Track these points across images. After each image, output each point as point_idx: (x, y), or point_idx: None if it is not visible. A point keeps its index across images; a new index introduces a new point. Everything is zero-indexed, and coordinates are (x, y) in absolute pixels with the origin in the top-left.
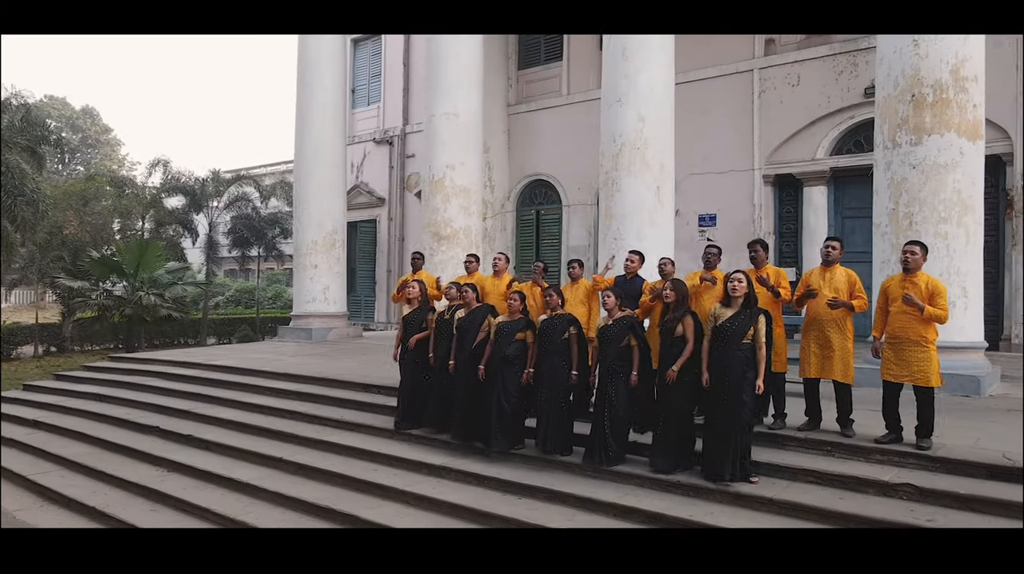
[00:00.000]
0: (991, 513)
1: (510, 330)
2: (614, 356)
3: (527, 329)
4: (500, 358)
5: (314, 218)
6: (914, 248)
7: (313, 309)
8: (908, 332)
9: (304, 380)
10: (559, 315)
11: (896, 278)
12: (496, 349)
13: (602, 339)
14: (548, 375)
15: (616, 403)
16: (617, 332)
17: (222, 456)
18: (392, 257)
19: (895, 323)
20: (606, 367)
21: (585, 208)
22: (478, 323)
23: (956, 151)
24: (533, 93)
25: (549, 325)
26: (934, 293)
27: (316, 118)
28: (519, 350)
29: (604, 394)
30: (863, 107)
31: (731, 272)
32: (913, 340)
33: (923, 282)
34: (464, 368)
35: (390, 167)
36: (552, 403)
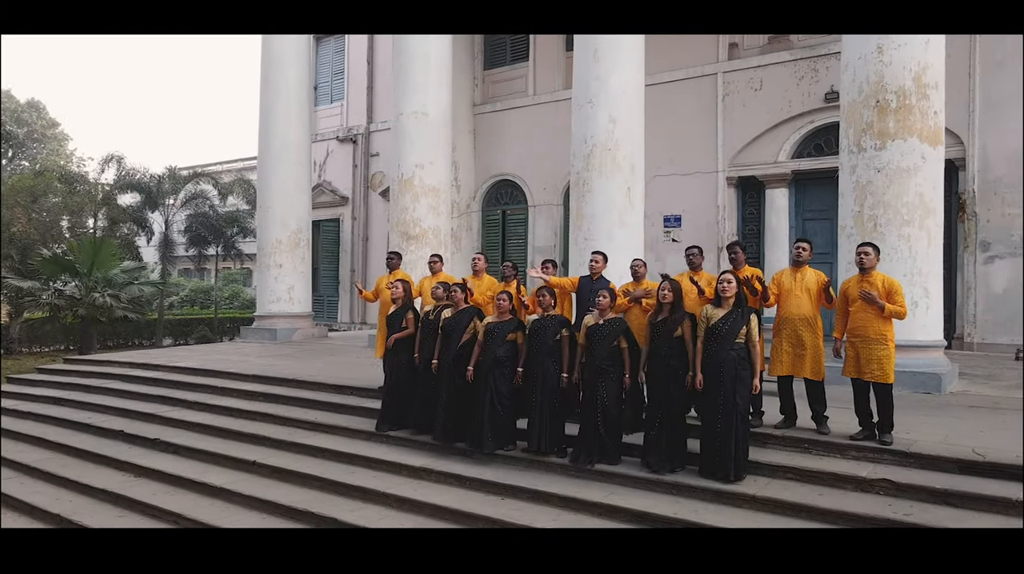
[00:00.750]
0: (966, 507)
1: (501, 331)
2: (604, 356)
3: (518, 330)
4: (491, 360)
5: (278, 217)
6: (867, 249)
7: (277, 309)
8: (868, 330)
9: (273, 382)
10: (551, 316)
11: (853, 279)
12: (487, 351)
13: (593, 339)
14: (540, 376)
15: (608, 404)
16: (609, 333)
17: (192, 460)
18: (356, 257)
19: (855, 322)
20: (595, 367)
21: (551, 208)
22: (464, 324)
23: (918, 156)
24: (499, 93)
25: (541, 326)
26: (891, 290)
27: (280, 116)
28: (510, 351)
29: (594, 394)
30: (823, 112)
31: (720, 273)
32: (873, 338)
33: (879, 280)
34: (448, 369)
35: (354, 166)
36: (545, 404)
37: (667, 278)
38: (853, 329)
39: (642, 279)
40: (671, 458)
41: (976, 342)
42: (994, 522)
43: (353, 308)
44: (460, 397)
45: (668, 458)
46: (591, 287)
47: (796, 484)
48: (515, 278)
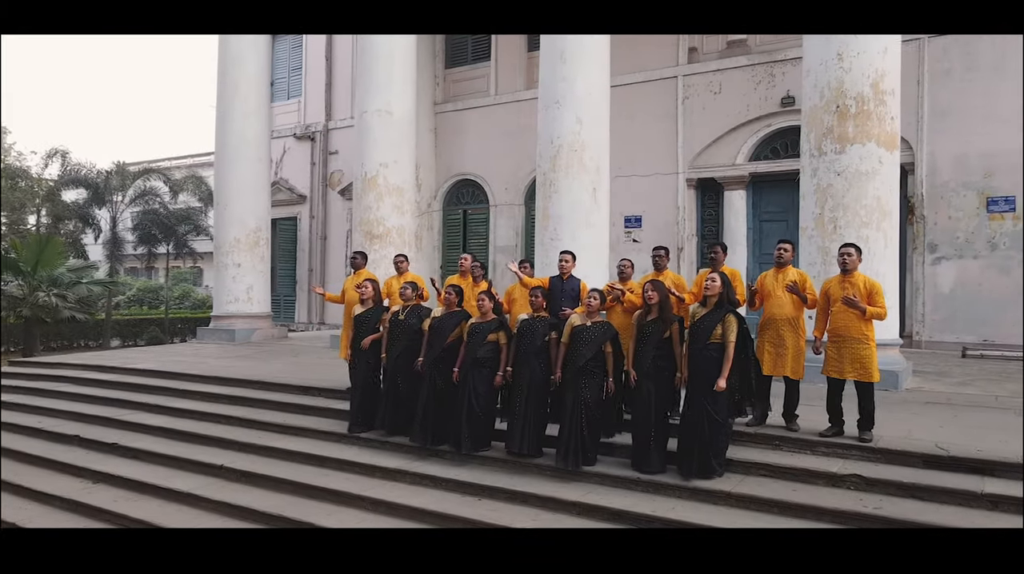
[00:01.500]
0: (932, 500)
1: (482, 331)
2: (588, 358)
3: (499, 330)
4: (471, 360)
5: (236, 215)
6: (850, 250)
7: (236, 309)
8: (850, 330)
9: (236, 383)
10: (540, 317)
11: (835, 279)
12: (468, 351)
13: (578, 340)
14: (527, 377)
15: (591, 404)
16: (597, 336)
17: (155, 465)
18: (314, 256)
19: (837, 322)
20: (578, 368)
21: (512, 208)
22: (452, 326)
23: (876, 160)
24: (460, 92)
25: (530, 327)
26: (872, 292)
27: (238, 112)
28: (491, 352)
29: (577, 395)
30: (780, 116)
31: (710, 272)
32: (855, 338)
33: (861, 282)
34: (430, 370)
35: (312, 163)
36: (530, 406)
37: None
38: (835, 329)
39: (628, 279)
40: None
41: (924, 340)
42: (959, 514)
43: (311, 308)
44: (440, 399)
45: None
46: (562, 287)
47: (770, 480)
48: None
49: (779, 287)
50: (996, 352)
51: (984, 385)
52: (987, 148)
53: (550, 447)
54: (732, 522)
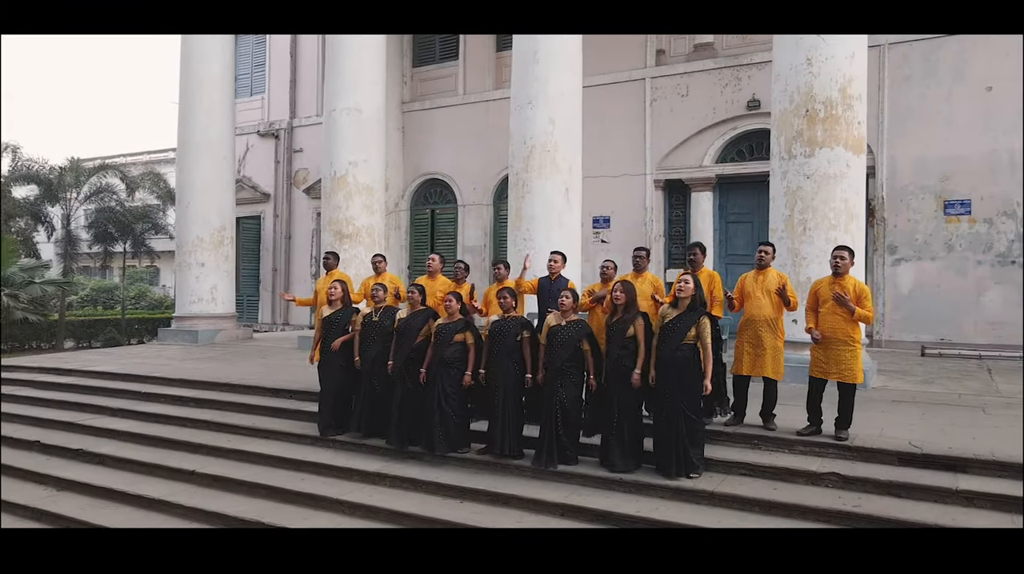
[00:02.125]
0: (908, 497)
1: (449, 332)
2: (565, 357)
3: (466, 330)
4: (438, 361)
5: (200, 213)
6: (843, 253)
7: (199, 310)
8: (837, 332)
9: (204, 386)
10: (512, 317)
11: (825, 280)
12: (435, 352)
13: (555, 341)
14: (502, 378)
15: (568, 405)
16: (572, 335)
17: (122, 471)
18: (278, 255)
19: (825, 324)
20: (555, 368)
21: (481, 208)
22: (418, 326)
23: (843, 163)
24: (428, 91)
25: (502, 327)
26: (861, 295)
27: (202, 109)
28: (458, 352)
29: (554, 395)
30: (746, 119)
31: (681, 273)
32: (841, 340)
33: (851, 285)
34: (401, 371)
35: (276, 161)
36: (506, 406)
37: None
38: (822, 331)
39: (611, 280)
40: (634, 457)
41: (884, 340)
42: (936, 511)
43: (275, 308)
44: (411, 400)
45: (632, 458)
46: (550, 287)
47: (750, 479)
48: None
49: (759, 288)
50: (954, 351)
51: (946, 383)
52: (945, 153)
53: (531, 448)
54: (717, 521)
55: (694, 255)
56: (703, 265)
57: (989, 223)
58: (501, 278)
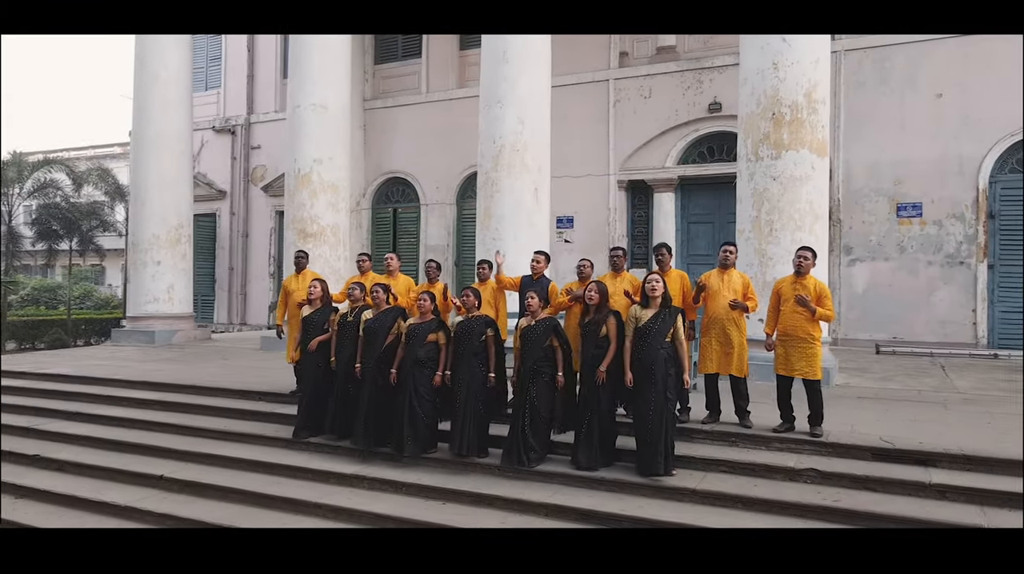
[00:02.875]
0: (884, 491)
1: (422, 332)
2: (537, 357)
3: (439, 330)
4: (411, 361)
5: (156, 211)
6: (806, 254)
7: (155, 310)
8: (798, 331)
9: (168, 388)
10: (476, 317)
11: (787, 280)
12: (408, 351)
13: (525, 340)
14: (466, 377)
15: (537, 403)
16: (541, 333)
17: (85, 477)
18: (235, 254)
19: (787, 322)
20: (528, 368)
21: (444, 207)
22: (388, 325)
23: (808, 166)
24: (390, 89)
25: (466, 327)
26: (822, 295)
27: (157, 102)
28: (431, 352)
29: (525, 394)
30: (707, 121)
31: (647, 274)
32: (802, 338)
33: (812, 284)
34: (371, 372)
35: (232, 158)
36: (469, 406)
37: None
38: (784, 329)
39: (588, 279)
40: (603, 455)
41: (840, 338)
42: (912, 504)
43: (232, 308)
44: (381, 401)
45: (600, 455)
46: (532, 287)
47: (730, 476)
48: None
49: (724, 287)
50: (907, 349)
51: (904, 380)
52: (897, 157)
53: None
54: (701, 519)
55: (661, 256)
56: (670, 265)
57: (939, 225)
58: (484, 277)
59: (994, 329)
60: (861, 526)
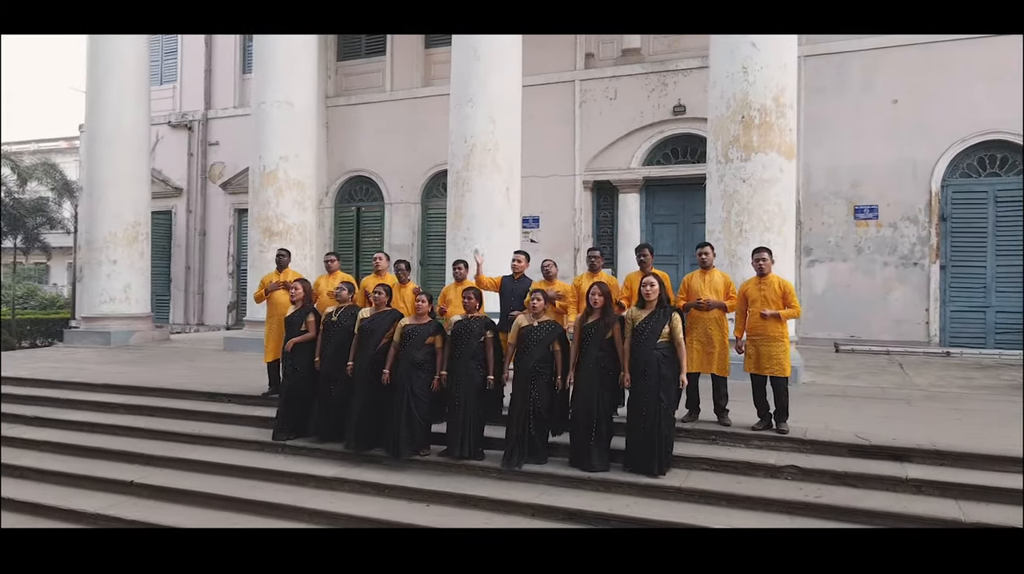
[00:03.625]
0: (865, 487)
1: (420, 334)
2: (538, 358)
3: (437, 333)
4: (408, 363)
5: (112, 208)
6: (764, 255)
7: (111, 310)
8: (767, 330)
9: (133, 391)
10: (475, 318)
11: (752, 281)
12: (404, 353)
13: (527, 341)
14: (464, 379)
15: (540, 405)
16: (544, 335)
17: (49, 484)
18: (192, 253)
19: (755, 323)
20: (529, 369)
21: (409, 207)
22: (385, 327)
23: (777, 168)
24: (354, 86)
25: (465, 327)
26: (785, 292)
27: (113, 96)
28: (429, 354)
29: (526, 396)
30: (672, 123)
31: (644, 277)
32: (771, 336)
33: (775, 283)
34: (365, 373)
35: (189, 154)
36: (468, 408)
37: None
38: (753, 329)
39: (553, 279)
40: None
41: (800, 337)
42: (891, 499)
43: (188, 308)
44: (375, 403)
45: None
46: (514, 287)
47: (713, 474)
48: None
49: (706, 288)
50: (865, 347)
51: (867, 378)
52: (855, 161)
53: (489, 449)
54: (691, 517)
55: (644, 256)
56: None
57: (894, 227)
58: (461, 277)
59: (945, 328)
60: (844, 520)
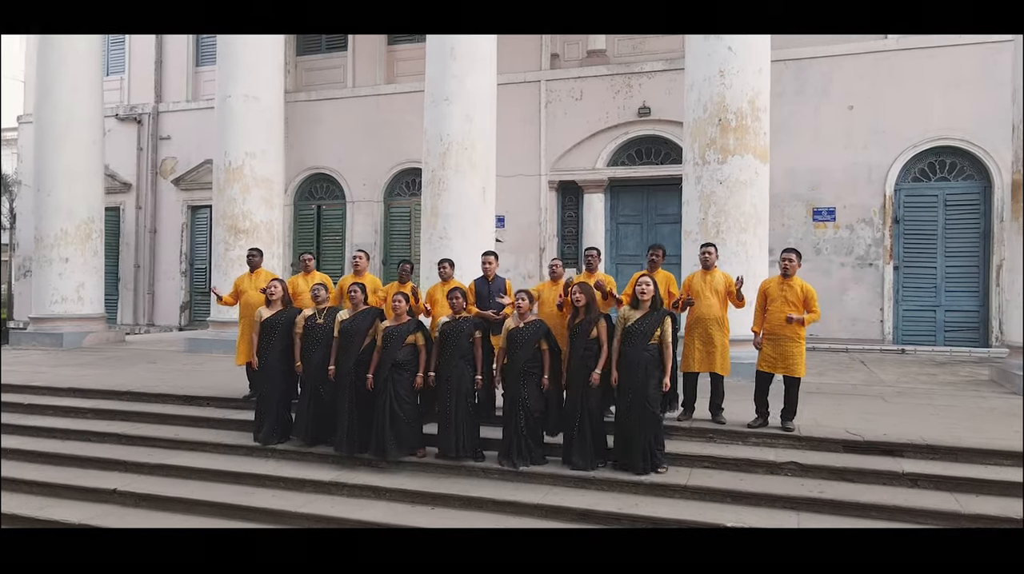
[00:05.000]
0: (863, 481)
1: (399, 334)
2: (526, 358)
3: (417, 332)
4: (390, 364)
5: (64, 204)
6: (791, 255)
7: (63, 310)
8: (784, 329)
9: (102, 395)
10: (464, 318)
11: (774, 281)
12: (386, 355)
13: (514, 342)
14: (455, 379)
15: (530, 404)
16: (530, 335)
17: (24, 494)
18: (141, 251)
19: (773, 322)
20: (518, 369)
21: (371, 205)
22: (366, 327)
23: (753, 171)
24: (314, 82)
25: (454, 328)
26: (808, 296)
27: (66, 85)
28: (410, 354)
29: (516, 396)
30: (636, 125)
31: (640, 277)
32: (788, 336)
33: (798, 286)
34: (350, 375)
35: (139, 148)
36: (460, 407)
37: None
38: (771, 328)
39: (560, 278)
40: (596, 455)
41: None
42: (890, 493)
43: (138, 308)
44: (362, 405)
45: (594, 455)
46: (488, 288)
47: (715, 471)
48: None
49: (707, 288)
50: (824, 345)
51: (836, 374)
52: (813, 164)
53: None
54: (700, 514)
55: (656, 256)
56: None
57: (850, 229)
58: (446, 277)
59: (898, 326)
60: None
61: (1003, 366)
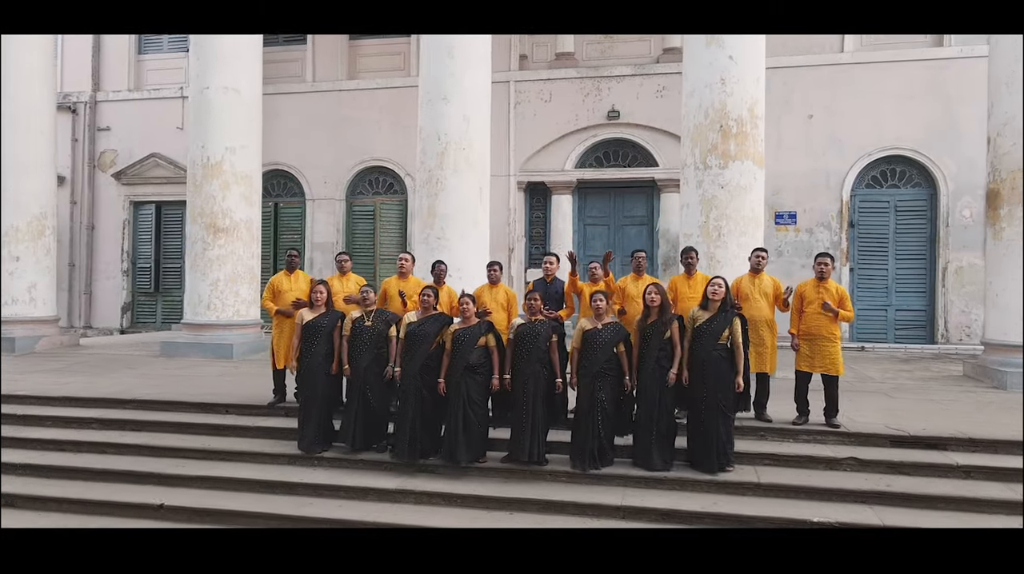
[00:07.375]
0: (921, 474)
1: (471, 337)
2: (604, 359)
3: (488, 333)
4: (463, 368)
5: (12, 198)
6: (826, 260)
7: (13, 313)
8: (821, 330)
9: (103, 404)
10: (540, 321)
11: (810, 283)
12: (458, 359)
13: (591, 344)
14: (532, 382)
15: (608, 406)
16: (609, 338)
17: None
18: (77, 248)
19: (810, 323)
20: (595, 371)
21: (333, 203)
22: (435, 331)
23: (752, 176)
24: (270, 75)
25: (531, 331)
26: (843, 298)
27: (23, 71)
28: (483, 357)
29: (593, 397)
30: (605, 127)
31: (712, 277)
32: (825, 336)
33: (833, 288)
34: (415, 381)
35: (74, 140)
36: (537, 411)
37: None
38: (808, 329)
39: (599, 281)
40: (667, 456)
41: None
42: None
43: (73, 309)
44: (427, 411)
45: (665, 456)
46: (546, 290)
47: (779, 468)
48: None
49: (756, 291)
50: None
51: None
52: (776, 170)
53: (549, 453)
54: (782, 511)
55: (690, 259)
56: (696, 268)
57: (810, 232)
58: (495, 280)
59: (855, 324)
60: (919, 507)
61: (980, 362)
